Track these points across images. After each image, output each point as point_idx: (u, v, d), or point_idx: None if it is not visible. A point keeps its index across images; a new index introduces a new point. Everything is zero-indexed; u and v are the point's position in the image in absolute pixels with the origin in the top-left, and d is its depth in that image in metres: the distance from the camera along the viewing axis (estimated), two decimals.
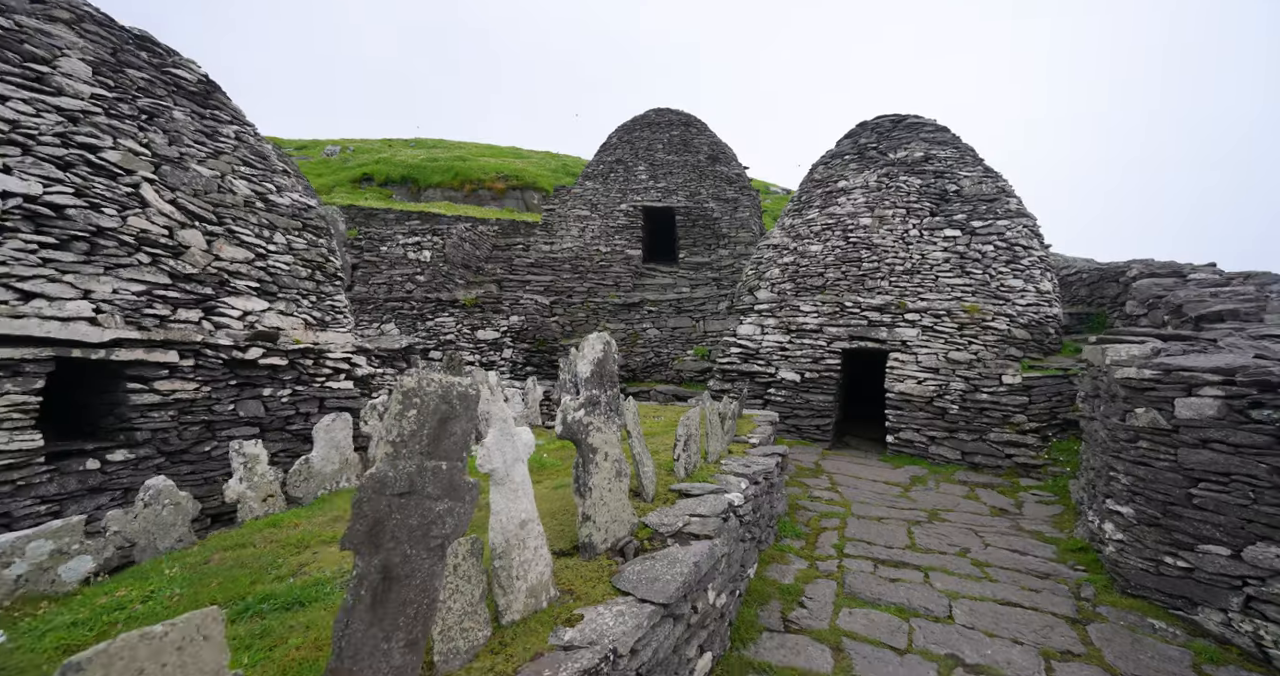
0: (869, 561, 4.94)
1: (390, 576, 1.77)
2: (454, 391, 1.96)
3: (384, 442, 1.77)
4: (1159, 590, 3.85)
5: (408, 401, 1.82)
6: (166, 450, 4.55)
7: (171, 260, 4.87)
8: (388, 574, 1.76)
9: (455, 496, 1.97)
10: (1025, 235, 9.67)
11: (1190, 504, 3.70)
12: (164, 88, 5.33)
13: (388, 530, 1.75)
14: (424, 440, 1.86)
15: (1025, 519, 6.28)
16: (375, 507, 1.72)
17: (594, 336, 3.31)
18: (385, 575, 1.76)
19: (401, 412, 1.80)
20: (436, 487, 1.90)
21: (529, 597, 2.50)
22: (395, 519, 1.78)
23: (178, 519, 3.37)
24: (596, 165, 18.70)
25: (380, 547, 1.73)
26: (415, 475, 1.83)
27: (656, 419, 7.30)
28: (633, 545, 3.29)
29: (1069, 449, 7.61)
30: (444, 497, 1.92)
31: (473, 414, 2.04)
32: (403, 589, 1.81)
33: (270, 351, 5.42)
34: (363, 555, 1.70)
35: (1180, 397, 3.78)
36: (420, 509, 1.85)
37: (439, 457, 1.91)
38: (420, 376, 1.85)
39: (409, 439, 1.81)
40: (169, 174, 4.97)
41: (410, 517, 1.82)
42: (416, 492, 1.83)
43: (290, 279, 6.05)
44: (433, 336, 13.59)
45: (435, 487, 1.89)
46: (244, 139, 6.05)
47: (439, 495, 1.91)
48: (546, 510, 3.73)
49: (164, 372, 4.55)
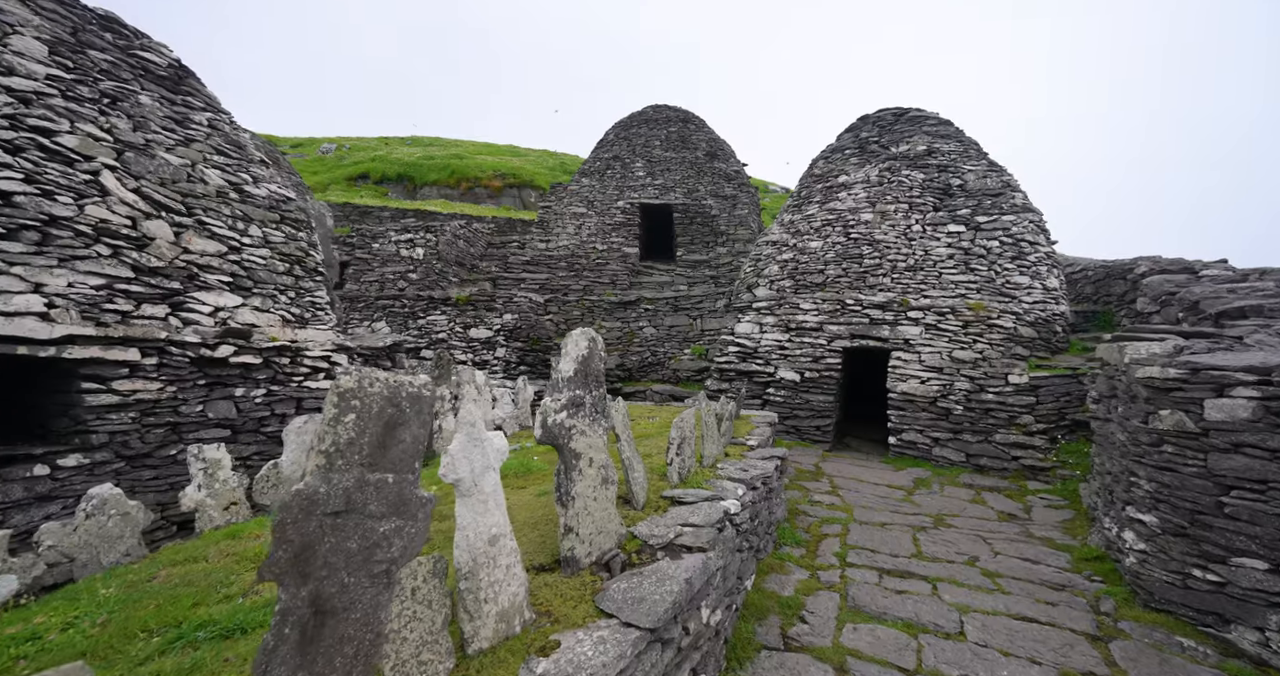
0: (873, 571, 4.68)
1: (323, 610, 1.50)
2: (403, 392, 1.69)
3: (315, 452, 1.51)
4: (1186, 605, 3.59)
5: (345, 404, 1.55)
6: (126, 454, 4.27)
7: (135, 252, 4.60)
8: (320, 607, 1.49)
9: (405, 514, 1.70)
10: (1031, 231, 9.41)
11: (1221, 513, 3.44)
12: (130, 71, 5.05)
13: (319, 556, 1.48)
14: (365, 449, 1.59)
15: (1035, 524, 6.03)
16: (303, 530, 1.45)
17: (578, 332, 3.04)
18: (317, 609, 1.49)
19: (337, 417, 1.53)
20: (381, 504, 1.63)
21: (499, 622, 2.23)
22: (329, 542, 1.51)
23: (125, 530, 3.10)
24: (593, 162, 18.43)
25: (309, 577, 1.46)
26: (354, 490, 1.56)
27: (651, 420, 7.04)
28: (619, 559, 3.02)
29: (1078, 451, 7.35)
30: (390, 516, 1.66)
31: (426, 418, 1.77)
32: (339, 624, 1.54)
33: (243, 349, 5.14)
34: (287, 586, 1.43)
35: (1210, 398, 3.52)
36: (361, 530, 1.58)
37: (384, 469, 1.64)
38: (361, 375, 1.58)
39: (346, 448, 1.54)
40: (133, 161, 4.69)
41: (348, 540, 1.55)
42: (355, 511, 1.56)
43: (267, 273, 5.77)
44: (424, 335, 13.31)
45: (379, 504, 1.62)
46: (218, 127, 5.77)
47: (384, 513, 1.64)
48: (528, 519, 3.46)
49: (124, 372, 4.28)
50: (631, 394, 11.66)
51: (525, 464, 4.86)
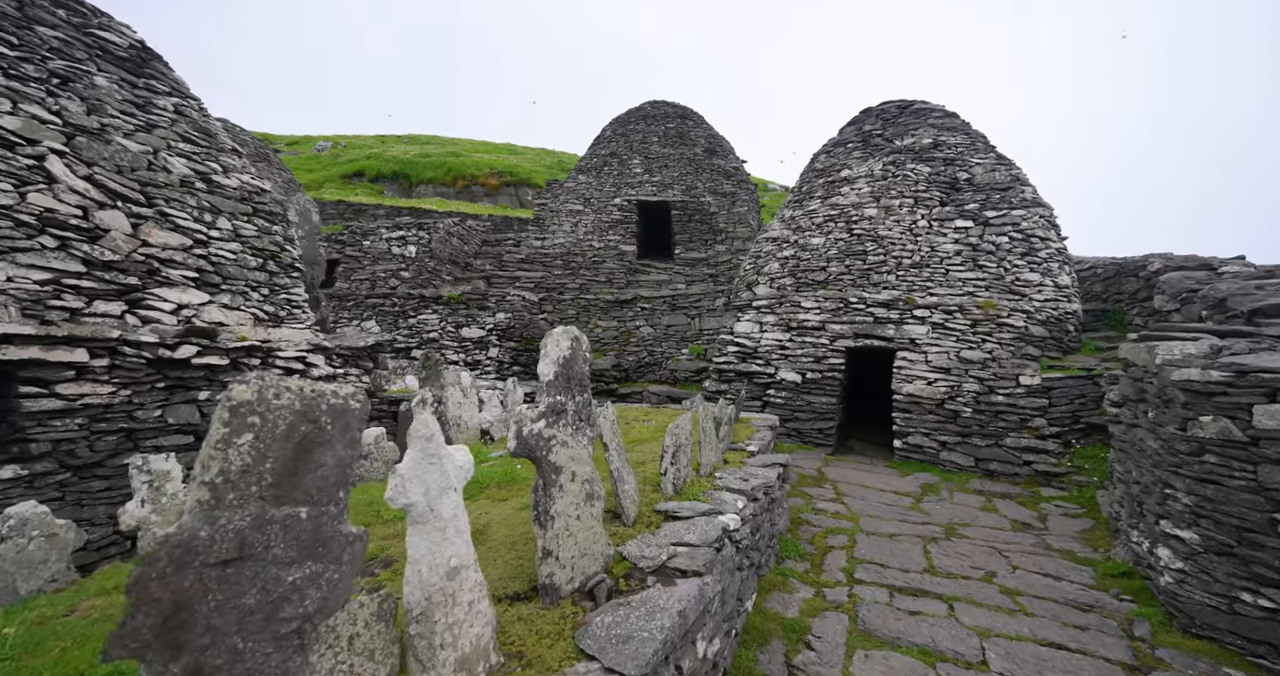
0: (884, 588, 4.34)
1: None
2: (323, 405, 1.35)
3: (197, 484, 1.17)
4: (1233, 632, 3.26)
5: (239, 422, 1.21)
6: (73, 464, 3.93)
7: (86, 245, 4.25)
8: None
9: (324, 556, 1.37)
10: (1042, 226, 9.08)
11: (1274, 531, 3.11)
12: (85, 51, 4.70)
13: (198, 619, 1.15)
14: (268, 478, 1.25)
15: (1052, 534, 5.70)
16: (174, 587, 1.11)
17: (559, 331, 2.70)
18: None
19: (228, 439, 1.19)
20: (290, 547, 1.29)
21: (459, 671, 1.90)
22: (213, 601, 1.17)
23: (51, 554, 2.76)
24: (590, 159, 18.09)
25: (184, 647, 1.12)
26: (251, 531, 1.22)
27: (646, 423, 6.69)
28: (605, 585, 2.68)
29: (1094, 456, 7.02)
30: (304, 560, 1.32)
31: (355, 437, 1.43)
32: None
33: (207, 349, 4.79)
34: (153, 665, 1.09)
35: (1261, 404, 3.19)
36: (261, 581, 1.24)
37: (295, 502, 1.31)
38: (263, 384, 1.24)
39: (240, 478, 1.20)
40: (85, 146, 4.34)
41: (243, 596, 1.21)
42: (253, 557, 1.23)
43: (237, 269, 5.43)
44: (415, 334, 12.96)
45: (288, 547, 1.29)
46: (185, 113, 5.42)
47: (294, 558, 1.30)
48: (505, 538, 3.12)
49: (69, 374, 3.93)
50: (628, 395, 11.32)
51: (509, 472, 4.52)
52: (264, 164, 19.47)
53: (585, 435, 2.83)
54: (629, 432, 6.07)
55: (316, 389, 1.36)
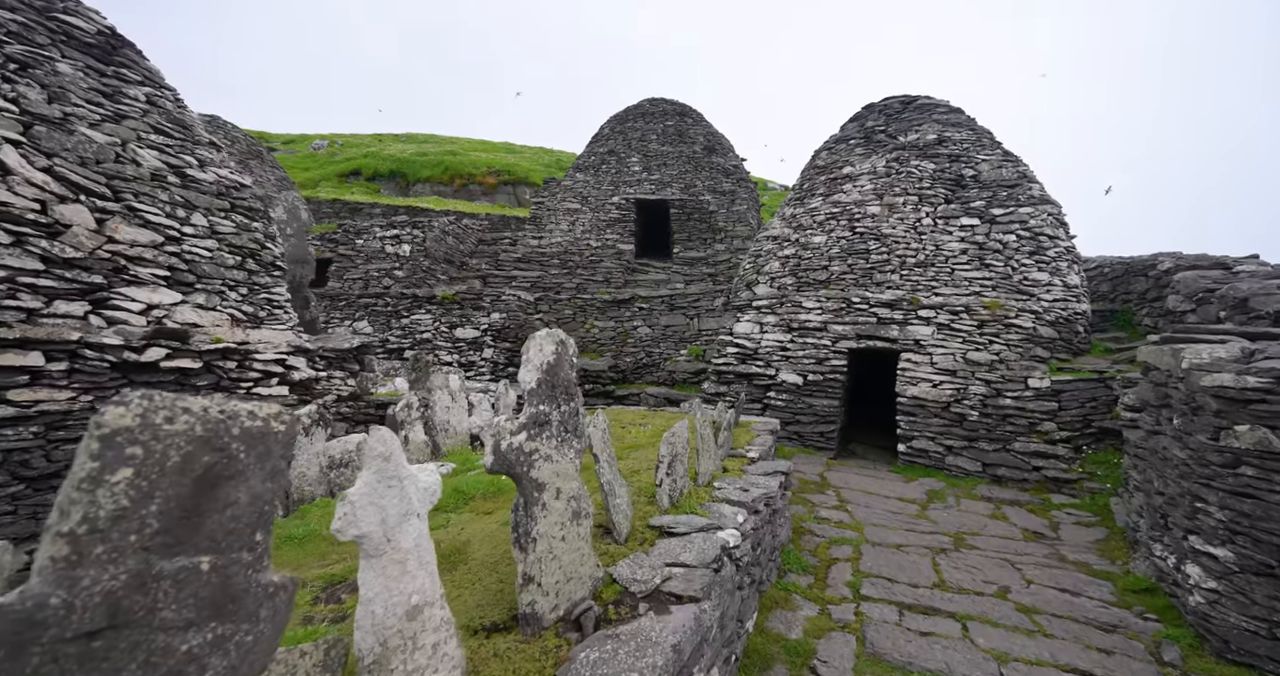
0: (892, 606, 4.10)
1: None
2: (233, 429, 1.10)
3: (51, 538, 0.93)
4: (1274, 659, 3.02)
5: (114, 454, 0.95)
6: (27, 475, 3.68)
7: (44, 241, 4.00)
8: None
9: (234, 615, 1.11)
10: (1050, 224, 8.83)
11: None
12: (47, 35, 4.45)
13: None
14: (153, 523, 0.99)
15: (1065, 545, 5.46)
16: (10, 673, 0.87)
17: (542, 334, 2.45)
18: None
19: (97, 476, 0.94)
20: (185, 608, 1.04)
21: None
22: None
23: None
24: (588, 157, 17.84)
25: None
26: (128, 593, 0.97)
27: (643, 427, 6.44)
28: (593, 613, 2.44)
29: (1107, 461, 6.79)
30: (205, 622, 1.07)
31: (276, 466, 1.19)
32: None
33: (178, 352, 4.54)
34: None
35: None
36: (143, 654, 0.99)
37: (195, 550, 1.06)
38: (149, 404, 0.99)
39: (112, 526, 0.95)
40: (45, 136, 4.09)
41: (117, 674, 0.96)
42: (132, 624, 0.97)
43: (213, 267, 5.17)
44: (408, 335, 12.70)
45: (182, 608, 1.03)
46: (158, 103, 5.17)
47: (192, 620, 1.05)
48: (486, 558, 2.88)
49: (23, 379, 3.68)
50: (625, 397, 11.07)
51: (496, 482, 4.27)
52: (256, 161, 19.23)
53: (572, 447, 2.59)
54: (624, 438, 5.82)
55: (226, 409, 1.10)
